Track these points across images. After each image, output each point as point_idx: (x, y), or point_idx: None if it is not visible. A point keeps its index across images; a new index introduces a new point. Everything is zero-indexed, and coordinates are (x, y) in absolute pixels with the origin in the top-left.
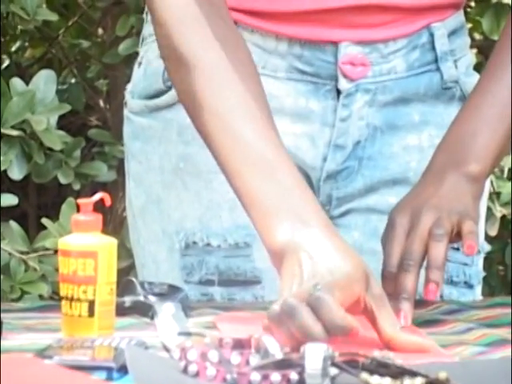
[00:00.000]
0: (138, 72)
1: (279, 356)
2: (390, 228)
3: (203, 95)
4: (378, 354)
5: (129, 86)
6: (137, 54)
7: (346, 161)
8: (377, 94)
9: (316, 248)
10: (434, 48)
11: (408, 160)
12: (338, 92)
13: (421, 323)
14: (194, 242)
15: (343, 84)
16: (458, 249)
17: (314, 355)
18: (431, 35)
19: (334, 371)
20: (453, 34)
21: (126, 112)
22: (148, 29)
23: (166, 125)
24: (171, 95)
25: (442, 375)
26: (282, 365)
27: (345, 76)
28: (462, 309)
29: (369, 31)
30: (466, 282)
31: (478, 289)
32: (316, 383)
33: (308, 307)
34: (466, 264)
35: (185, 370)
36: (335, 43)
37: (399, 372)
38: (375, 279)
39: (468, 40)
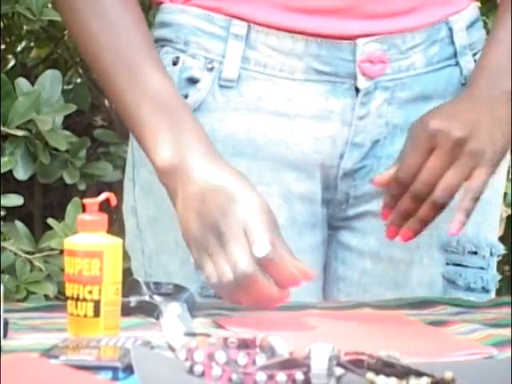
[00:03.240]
0: None
1: (285, 356)
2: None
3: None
4: (383, 353)
5: None
6: None
7: (363, 159)
8: (396, 91)
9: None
10: (453, 42)
11: None
12: (357, 90)
13: (427, 324)
14: None
15: (362, 82)
16: (475, 253)
17: (320, 355)
18: (450, 29)
19: (339, 371)
20: (471, 26)
21: None
22: (154, 33)
23: None
24: None
25: (448, 375)
26: (288, 365)
27: (363, 74)
28: (468, 310)
29: (387, 21)
30: (483, 288)
31: (493, 291)
32: (321, 383)
33: (261, 271)
34: (482, 268)
35: (190, 371)
36: (353, 40)
37: (405, 372)
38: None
39: (484, 33)
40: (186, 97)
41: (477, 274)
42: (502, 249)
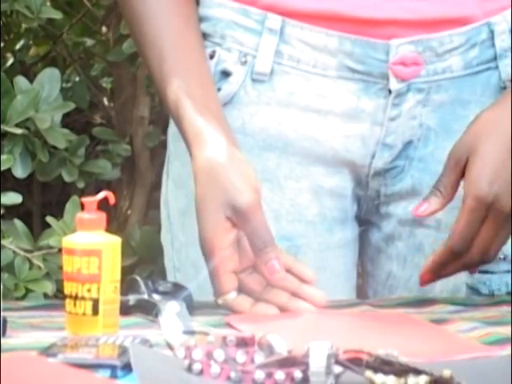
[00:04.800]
0: None
1: (283, 354)
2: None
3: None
4: (382, 351)
5: None
6: None
7: (394, 160)
8: (431, 93)
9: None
10: (493, 45)
11: None
12: (390, 91)
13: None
14: None
15: (394, 84)
16: (504, 258)
17: (318, 353)
18: (491, 31)
19: (338, 369)
20: None
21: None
22: None
23: None
24: None
25: (446, 373)
26: (286, 363)
27: (396, 76)
28: (467, 308)
29: (422, 2)
30: (508, 293)
31: None
32: (320, 381)
33: None
34: (509, 271)
35: (189, 369)
36: (387, 39)
37: (403, 370)
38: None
39: None
40: (219, 90)
41: (502, 278)
42: None
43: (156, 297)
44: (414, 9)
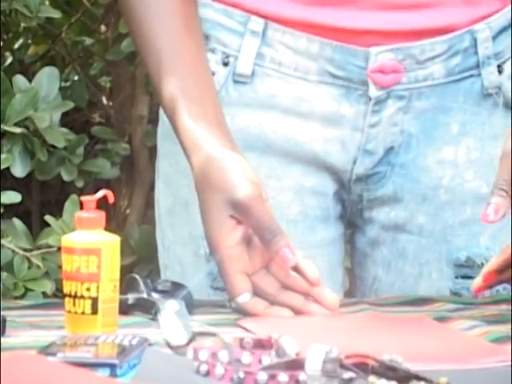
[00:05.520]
0: None
1: (291, 356)
2: None
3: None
4: (386, 357)
5: None
6: None
7: (376, 166)
8: (412, 100)
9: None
10: (476, 52)
11: (441, 175)
12: (370, 97)
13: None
14: None
15: (373, 91)
16: None
17: (315, 356)
18: (474, 39)
19: (347, 374)
20: (501, 32)
21: (160, 112)
22: None
23: None
24: None
25: (443, 380)
26: (292, 365)
27: (375, 83)
28: (466, 306)
29: (403, 15)
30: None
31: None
32: None
33: None
34: None
35: (197, 370)
36: (367, 46)
37: (405, 376)
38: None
39: None
40: None
41: None
42: None
43: (155, 296)
44: (395, 21)
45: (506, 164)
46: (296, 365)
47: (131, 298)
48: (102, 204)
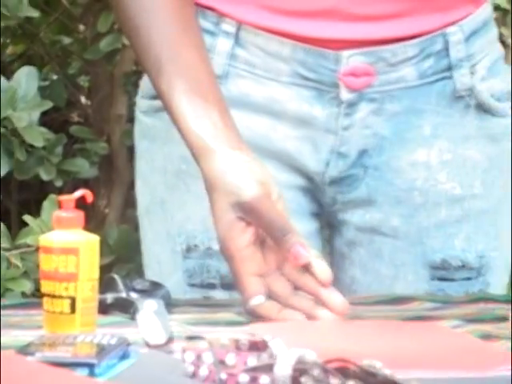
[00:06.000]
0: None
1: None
2: None
3: None
4: (366, 362)
5: (140, 83)
6: (118, 50)
7: (349, 168)
8: (384, 102)
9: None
10: (448, 55)
11: (414, 177)
12: (342, 100)
13: (405, 320)
14: (196, 245)
15: (345, 94)
16: (463, 266)
17: (285, 362)
18: (446, 42)
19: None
20: (473, 34)
21: (136, 111)
22: None
23: (169, 126)
24: None
25: None
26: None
27: (346, 86)
28: (445, 305)
29: (376, 25)
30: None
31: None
32: None
33: None
34: (469, 279)
35: (185, 372)
36: (339, 49)
37: (384, 382)
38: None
39: (494, 33)
40: None
41: (461, 285)
42: (497, 259)
43: (134, 295)
44: (367, 31)
45: None
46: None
47: (110, 297)
48: (80, 203)
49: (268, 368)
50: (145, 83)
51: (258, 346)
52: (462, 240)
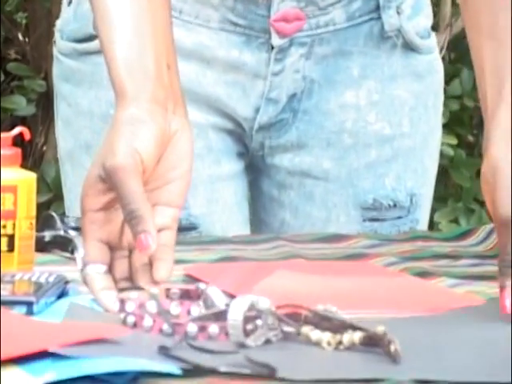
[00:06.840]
0: (67, 11)
1: (221, 307)
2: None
3: None
4: (320, 307)
5: (57, 24)
6: None
7: (279, 114)
8: (314, 46)
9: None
10: None
11: (344, 119)
12: (272, 46)
13: (342, 258)
14: None
15: (276, 40)
16: (394, 205)
17: (238, 306)
18: None
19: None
20: None
21: (54, 51)
22: None
23: (97, 69)
24: None
25: (380, 329)
26: (222, 317)
27: (277, 32)
28: (382, 242)
29: None
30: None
31: None
32: (237, 334)
33: None
34: (400, 217)
35: (124, 322)
36: None
37: (340, 326)
38: None
39: None
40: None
41: (393, 225)
42: (424, 196)
43: (72, 233)
44: None
45: (505, 234)
46: (225, 316)
47: (48, 235)
48: (17, 141)
49: (214, 317)
50: (65, 24)
51: (190, 295)
52: (392, 179)
